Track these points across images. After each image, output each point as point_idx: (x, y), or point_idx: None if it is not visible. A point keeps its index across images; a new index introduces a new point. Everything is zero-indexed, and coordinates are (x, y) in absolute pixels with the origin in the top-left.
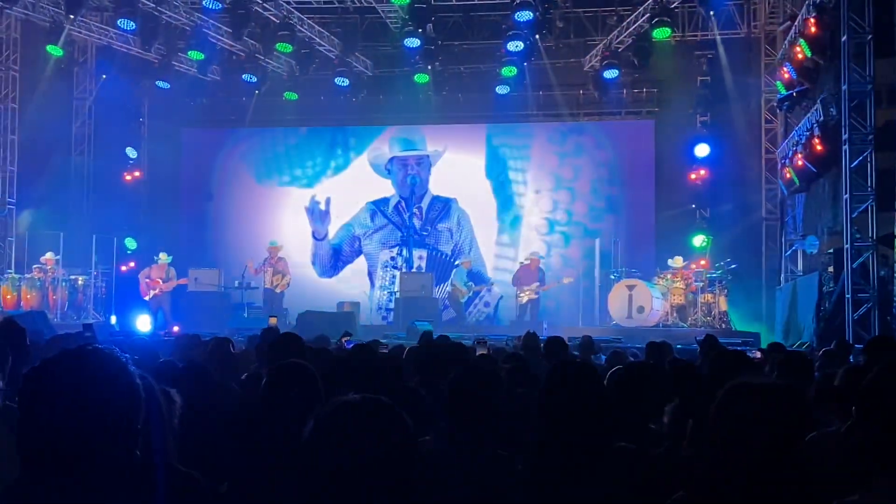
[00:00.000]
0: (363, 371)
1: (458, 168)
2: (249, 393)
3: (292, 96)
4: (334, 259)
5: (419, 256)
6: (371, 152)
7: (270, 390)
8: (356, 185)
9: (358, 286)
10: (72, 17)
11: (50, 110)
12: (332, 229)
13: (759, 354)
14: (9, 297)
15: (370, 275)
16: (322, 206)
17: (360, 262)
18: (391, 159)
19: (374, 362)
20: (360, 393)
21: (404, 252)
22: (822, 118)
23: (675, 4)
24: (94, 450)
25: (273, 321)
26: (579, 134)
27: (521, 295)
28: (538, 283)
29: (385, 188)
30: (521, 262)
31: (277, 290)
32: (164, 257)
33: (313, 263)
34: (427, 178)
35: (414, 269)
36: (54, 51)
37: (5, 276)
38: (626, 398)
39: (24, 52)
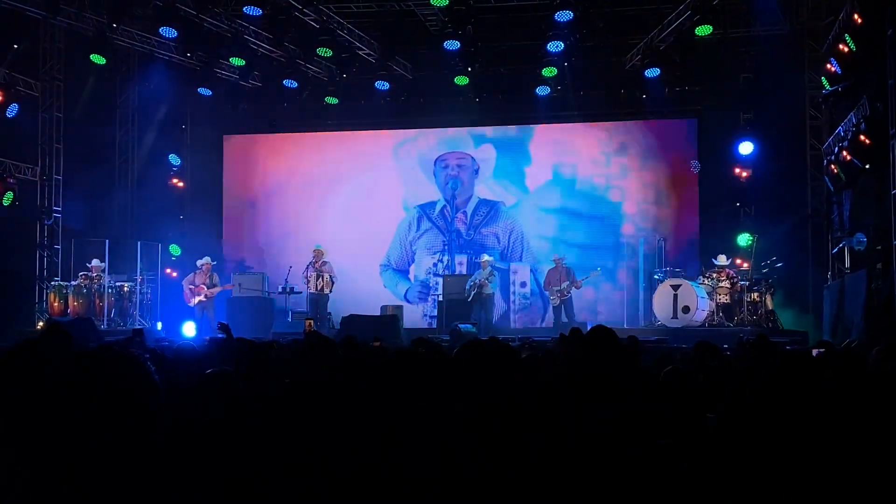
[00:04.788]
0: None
1: (501, 170)
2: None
3: (333, 100)
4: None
5: (459, 262)
6: (413, 155)
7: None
8: (399, 189)
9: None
10: (114, 25)
11: (94, 119)
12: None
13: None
14: (56, 304)
15: (417, 278)
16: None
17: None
18: (435, 161)
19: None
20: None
21: (445, 258)
22: (868, 113)
23: (716, 1)
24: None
25: (309, 324)
26: (621, 133)
27: (553, 297)
28: (568, 282)
29: (430, 191)
30: (549, 268)
31: (325, 291)
32: (207, 262)
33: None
34: (471, 181)
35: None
36: (97, 59)
37: (52, 283)
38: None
39: (68, 61)
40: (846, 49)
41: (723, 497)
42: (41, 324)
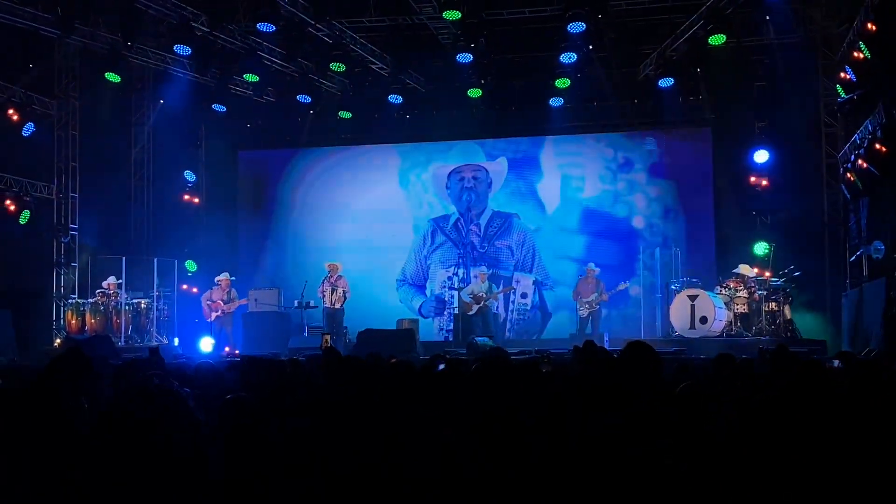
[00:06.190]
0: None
1: (515, 182)
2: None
3: (346, 115)
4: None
5: (475, 276)
6: (426, 168)
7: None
8: (413, 203)
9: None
10: (129, 44)
11: (109, 136)
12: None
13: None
14: (73, 322)
15: (432, 292)
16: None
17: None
18: (449, 174)
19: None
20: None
21: (461, 272)
22: (884, 120)
23: (729, 10)
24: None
25: (326, 339)
26: (636, 143)
27: (582, 308)
28: (597, 294)
29: (444, 205)
30: (580, 276)
31: (337, 306)
32: (224, 277)
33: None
34: (485, 193)
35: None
36: (112, 77)
37: (69, 301)
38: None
39: (83, 80)
40: (861, 56)
41: (724, 499)
42: (59, 341)
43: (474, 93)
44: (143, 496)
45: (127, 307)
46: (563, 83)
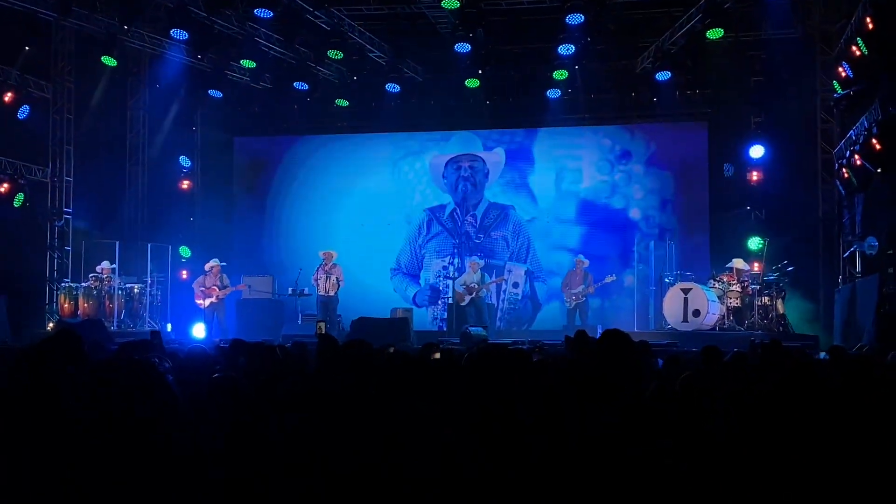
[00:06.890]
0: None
1: (510, 173)
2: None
3: (343, 103)
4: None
5: (468, 266)
6: (423, 158)
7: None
8: (409, 192)
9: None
10: (126, 27)
11: (105, 120)
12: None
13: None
14: (66, 305)
15: (426, 281)
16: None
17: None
18: (446, 163)
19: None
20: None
21: (456, 261)
22: (880, 117)
23: (728, 5)
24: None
25: (320, 327)
26: (632, 136)
27: (569, 300)
28: (584, 286)
29: (440, 195)
30: (570, 268)
31: (331, 294)
32: (214, 264)
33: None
34: (482, 184)
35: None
36: (109, 61)
37: (62, 285)
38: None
39: (80, 63)
40: (858, 53)
41: (723, 498)
42: (51, 325)
43: (472, 83)
44: (113, 467)
45: (120, 292)
46: (560, 75)
